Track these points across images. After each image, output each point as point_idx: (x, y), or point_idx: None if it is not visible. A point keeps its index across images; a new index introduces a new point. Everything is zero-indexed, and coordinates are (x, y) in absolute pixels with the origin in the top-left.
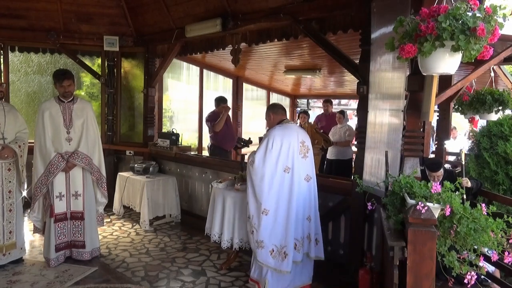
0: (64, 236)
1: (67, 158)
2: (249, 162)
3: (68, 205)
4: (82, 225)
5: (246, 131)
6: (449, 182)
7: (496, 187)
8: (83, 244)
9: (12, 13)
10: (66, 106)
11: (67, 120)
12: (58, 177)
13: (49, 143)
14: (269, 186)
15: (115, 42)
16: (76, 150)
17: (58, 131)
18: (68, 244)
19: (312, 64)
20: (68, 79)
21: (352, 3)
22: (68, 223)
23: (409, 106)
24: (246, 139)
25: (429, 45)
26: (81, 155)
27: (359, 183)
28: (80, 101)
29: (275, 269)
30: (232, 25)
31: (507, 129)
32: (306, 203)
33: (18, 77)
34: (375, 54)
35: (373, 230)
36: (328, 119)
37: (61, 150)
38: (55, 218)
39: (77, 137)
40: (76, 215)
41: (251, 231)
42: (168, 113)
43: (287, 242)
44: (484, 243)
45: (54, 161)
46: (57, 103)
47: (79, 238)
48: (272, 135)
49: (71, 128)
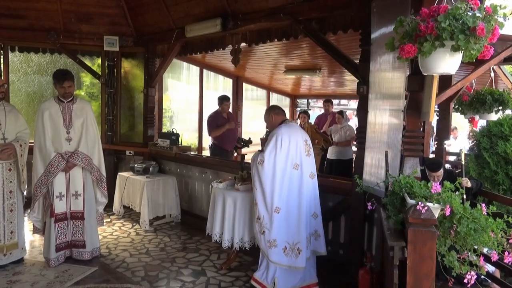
0: (64, 236)
1: (67, 158)
2: (256, 162)
3: (68, 205)
4: (83, 225)
5: (246, 131)
6: (449, 182)
7: (496, 187)
8: (83, 244)
9: (12, 13)
10: (65, 106)
11: (67, 120)
12: (58, 177)
13: (49, 143)
14: (280, 183)
15: (115, 42)
16: (76, 150)
17: (58, 131)
18: (68, 244)
19: (312, 64)
20: (69, 80)
21: (352, 3)
22: (68, 223)
23: (409, 106)
24: (246, 139)
25: (429, 45)
26: (81, 155)
27: (359, 183)
28: (79, 101)
29: (290, 266)
30: (232, 25)
31: (507, 129)
32: (312, 200)
33: (18, 77)
34: (375, 54)
35: (373, 230)
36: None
37: (61, 150)
38: (55, 218)
39: (77, 137)
40: (76, 215)
41: (262, 231)
42: (168, 113)
43: (300, 238)
44: (484, 243)
45: (54, 161)
46: (57, 103)
47: (79, 238)
48: (280, 133)
49: (71, 128)
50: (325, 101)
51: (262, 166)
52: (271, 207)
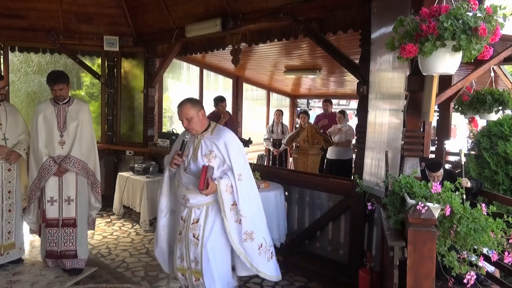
0: (54, 244)
1: (59, 162)
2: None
3: (60, 211)
4: (74, 233)
5: (246, 131)
6: (449, 182)
7: (496, 187)
8: (74, 253)
9: (12, 13)
10: (61, 108)
11: (61, 122)
12: (51, 181)
13: (41, 146)
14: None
15: (115, 42)
16: (69, 154)
17: (51, 134)
18: (58, 255)
19: (312, 64)
20: (59, 83)
21: (352, 3)
22: (59, 231)
23: (409, 106)
24: (246, 139)
25: (430, 45)
26: (74, 160)
27: (359, 183)
28: (76, 103)
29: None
30: (232, 25)
31: (507, 129)
32: None
33: (18, 77)
34: (375, 54)
35: (373, 230)
36: (328, 118)
37: (53, 153)
38: (46, 223)
39: (70, 140)
40: (68, 221)
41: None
42: (168, 113)
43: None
44: (484, 243)
45: (46, 165)
46: (53, 105)
47: (70, 247)
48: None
49: (65, 131)
50: (324, 101)
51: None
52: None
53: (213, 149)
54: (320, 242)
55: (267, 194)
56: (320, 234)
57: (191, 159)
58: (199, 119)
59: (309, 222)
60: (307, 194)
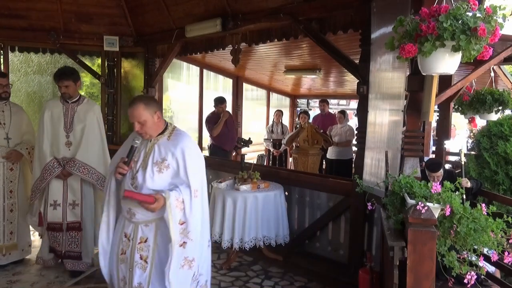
0: (57, 245)
1: (64, 164)
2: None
3: (64, 215)
4: (79, 236)
5: (246, 131)
6: (449, 182)
7: (496, 187)
8: (79, 255)
9: (12, 13)
10: (69, 107)
11: (68, 122)
12: (55, 184)
13: (46, 146)
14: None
15: (115, 42)
16: (74, 157)
17: (58, 133)
18: (61, 255)
19: (312, 64)
20: (64, 80)
21: (352, 3)
22: (64, 235)
23: (409, 106)
24: (246, 139)
25: (429, 45)
26: (78, 164)
27: (359, 183)
28: (86, 103)
29: None
30: (232, 25)
31: (507, 129)
32: None
33: (18, 77)
34: (375, 54)
35: (373, 230)
36: (325, 118)
37: (58, 155)
38: (48, 226)
39: (76, 142)
40: (73, 225)
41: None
42: (168, 113)
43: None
44: (484, 243)
45: (49, 166)
46: (61, 103)
47: (75, 249)
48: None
49: (71, 132)
50: (321, 101)
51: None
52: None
53: (167, 158)
54: (320, 242)
55: (267, 194)
56: (320, 234)
57: (140, 167)
58: (154, 123)
59: (309, 222)
60: (307, 194)
